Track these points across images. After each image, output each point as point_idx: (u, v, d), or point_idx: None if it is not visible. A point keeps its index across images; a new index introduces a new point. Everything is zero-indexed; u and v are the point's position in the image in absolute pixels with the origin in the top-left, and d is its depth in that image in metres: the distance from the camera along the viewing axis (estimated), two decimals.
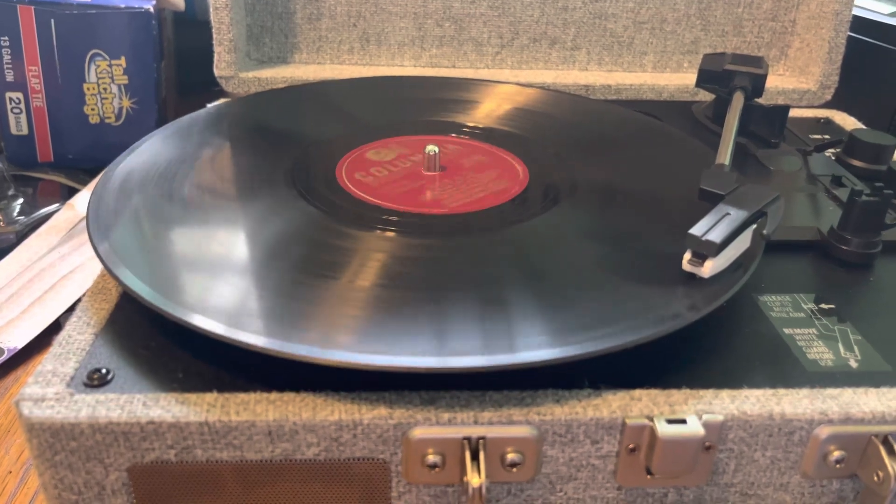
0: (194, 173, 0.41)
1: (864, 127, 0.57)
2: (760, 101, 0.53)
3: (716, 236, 0.32)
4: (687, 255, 0.33)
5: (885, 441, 0.30)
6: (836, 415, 0.30)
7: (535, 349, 0.29)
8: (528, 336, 0.30)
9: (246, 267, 0.34)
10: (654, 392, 0.30)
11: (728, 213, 0.34)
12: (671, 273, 0.34)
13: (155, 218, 0.37)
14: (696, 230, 0.33)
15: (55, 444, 0.28)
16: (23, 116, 0.60)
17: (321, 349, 0.29)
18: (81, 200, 0.58)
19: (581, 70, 0.64)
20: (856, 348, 0.33)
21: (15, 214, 0.56)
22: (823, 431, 0.30)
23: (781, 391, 0.31)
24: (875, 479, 0.30)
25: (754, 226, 0.35)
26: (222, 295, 0.31)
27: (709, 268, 0.33)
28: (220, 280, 0.32)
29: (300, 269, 0.34)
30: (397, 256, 0.35)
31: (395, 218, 0.38)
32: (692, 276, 0.33)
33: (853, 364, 0.32)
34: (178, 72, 0.70)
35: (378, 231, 0.37)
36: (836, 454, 0.30)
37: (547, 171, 0.44)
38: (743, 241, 0.34)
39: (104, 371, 0.30)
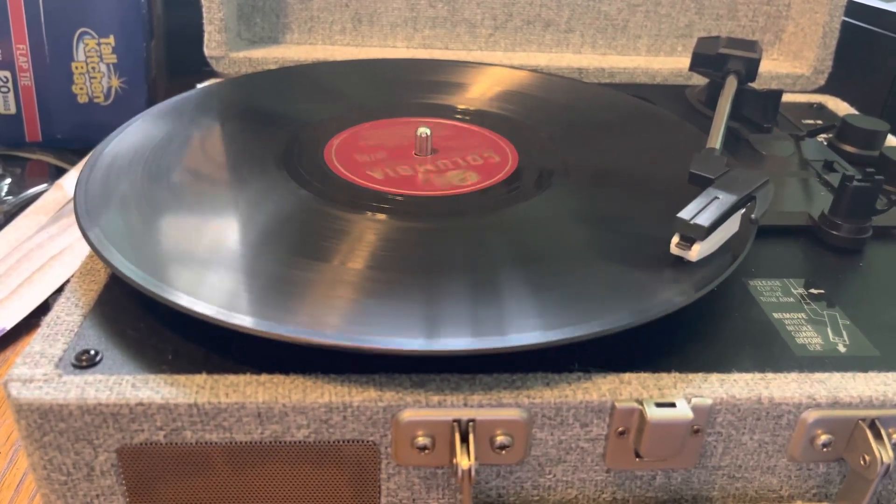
0: (184, 155, 0.41)
1: (856, 112, 0.57)
2: (754, 85, 0.53)
3: (704, 220, 0.32)
4: (675, 239, 0.33)
5: (872, 425, 0.30)
6: (823, 399, 0.30)
7: (525, 332, 0.29)
8: (518, 319, 0.30)
9: (236, 249, 0.33)
10: (643, 376, 0.30)
11: (717, 197, 0.34)
12: (662, 257, 0.34)
13: (143, 200, 0.37)
14: (685, 214, 0.33)
15: (44, 424, 0.28)
16: (10, 95, 0.59)
17: (311, 331, 0.28)
18: (70, 181, 0.57)
19: (575, 53, 0.64)
20: (844, 333, 0.34)
21: (3, 194, 0.56)
22: (811, 415, 0.30)
23: (770, 375, 0.31)
24: (861, 462, 0.30)
25: (743, 210, 0.35)
26: (212, 277, 0.31)
27: (696, 251, 0.33)
28: (210, 262, 0.32)
29: (291, 251, 0.33)
30: (388, 239, 0.35)
31: (386, 200, 0.38)
32: (683, 260, 0.33)
33: (842, 349, 0.33)
34: (167, 52, 0.69)
35: (369, 213, 0.37)
36: (824, 438, 0.30)
37: (539, 155, 0.43)
38: (731, 226, 0.34)
39: (93, 352, 0.30)
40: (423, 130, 0.42)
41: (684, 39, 0.64)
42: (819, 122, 0.55)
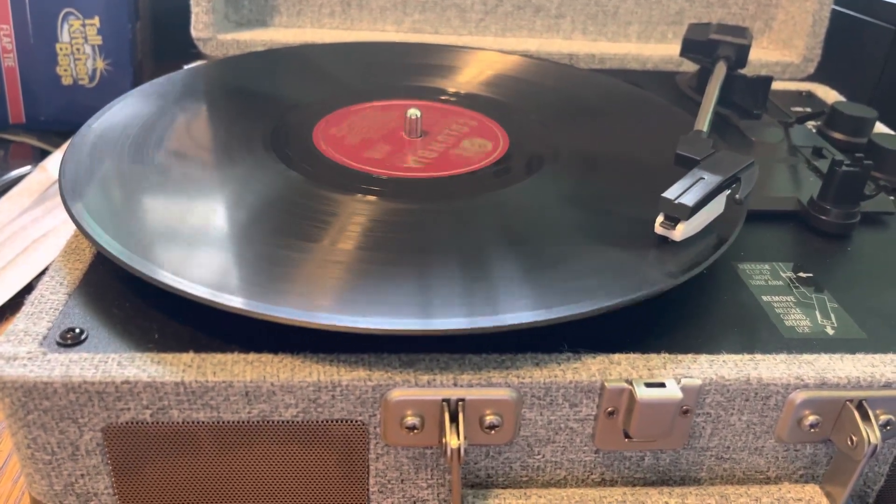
0: (171, 134, 0.40)
1: (845, 100, 0.57)
2: (744, 72, 0.53)
3: (688, 200, 0.32)
4: (659, 218, 0.33)
5: (860, 406, 0.30)
6: (811, 380, 0.30)
7: (515, 312, 0.29)
8: (508, 300, 0.30)
9: (224, 229, 0.33)
10: (633, 356, 0.30)
11: (702, 178, 0.34)
12: (652, 239, 0.34)
13: (129, 179, 0.36)
14: (670, 193, 0.33)
15: (28, 403, 0.28)
16: None
17: (302, 312, 0.28)
18: (54, 163, 0.56)
19: (565, 39, 0.64)
20: (832, 316, 0.34)
21: None
22: (799, 396, 0.30)
23: (759, 356, 0.31)
24: (849, 443, 0.30)
25: (728, 191, 0.35)
26: (199, 256, 0.31)
27: (680, 231, 0.33)
28: (197, 242, 0.32)
29: (280, 232, 0.33)
30: (378, 220, 0.35)
31: (376, 182, 0.38)
32: (674, 242, 0.33)
33: (830, 331, 0.33)
34: (154, 34, 0.68)
35: (359, 195, 0.36)
36: (811, 419, 0.31)
37: (529, 138, 0.43)
38: (717, 207, 0.34)
39: (78, 331, 0.29)
40: (413, 112, 0.42)
41: (675, 26, 0.64)
42: (808, 109, 0.55)
